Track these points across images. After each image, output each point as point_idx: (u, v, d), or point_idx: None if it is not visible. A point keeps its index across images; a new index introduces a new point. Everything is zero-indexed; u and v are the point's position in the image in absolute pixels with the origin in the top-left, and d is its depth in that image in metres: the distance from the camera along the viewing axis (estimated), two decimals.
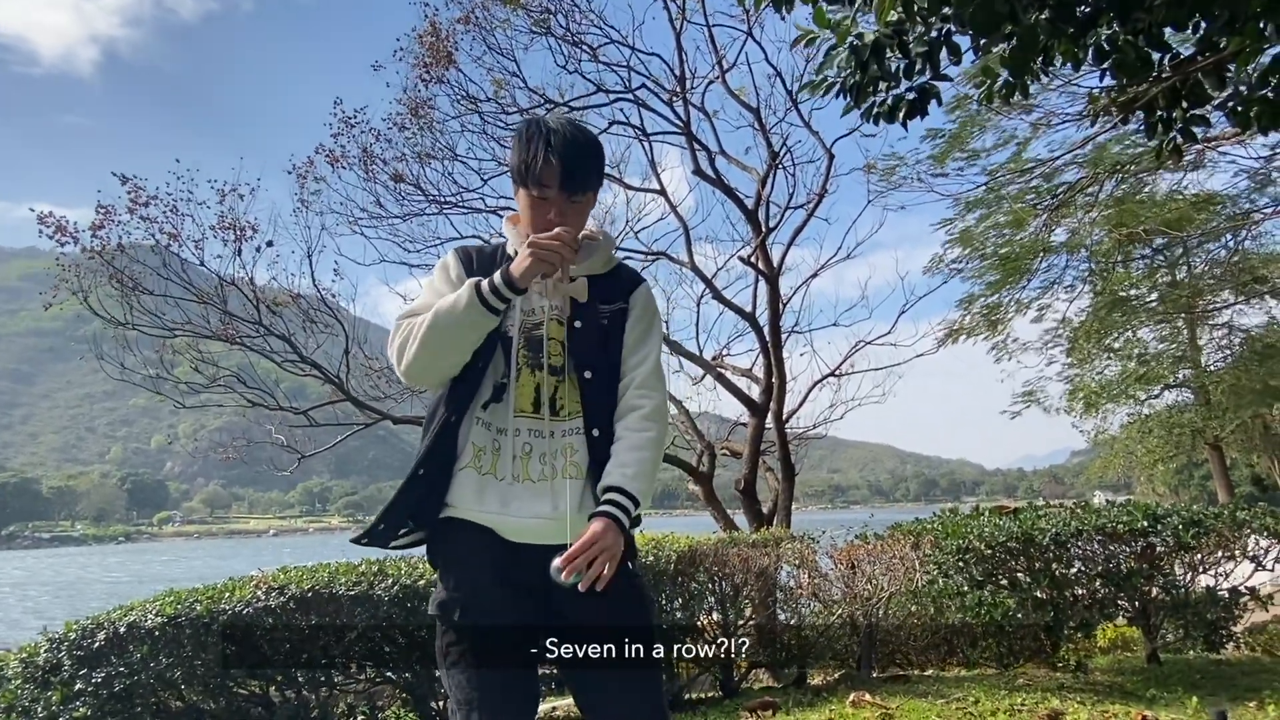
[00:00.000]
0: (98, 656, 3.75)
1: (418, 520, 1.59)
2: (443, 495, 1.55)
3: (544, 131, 1.54)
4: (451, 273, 1.63)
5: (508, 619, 1.52)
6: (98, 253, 6.82)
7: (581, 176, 1.56)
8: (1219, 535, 4.41)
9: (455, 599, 1.54)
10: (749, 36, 7.45)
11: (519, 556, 1.53)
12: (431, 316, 1.49)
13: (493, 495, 1.53)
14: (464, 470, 1.54)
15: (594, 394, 1.57)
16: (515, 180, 1.62)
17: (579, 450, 1.56)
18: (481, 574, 1.53)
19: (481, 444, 1.55)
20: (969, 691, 4.01)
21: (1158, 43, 3.11)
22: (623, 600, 1.54)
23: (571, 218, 1.57)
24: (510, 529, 1.52)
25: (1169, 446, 21.94)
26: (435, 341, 1.49)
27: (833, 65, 3.16)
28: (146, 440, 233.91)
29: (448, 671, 1.53)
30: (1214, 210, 10.75)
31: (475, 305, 1.46)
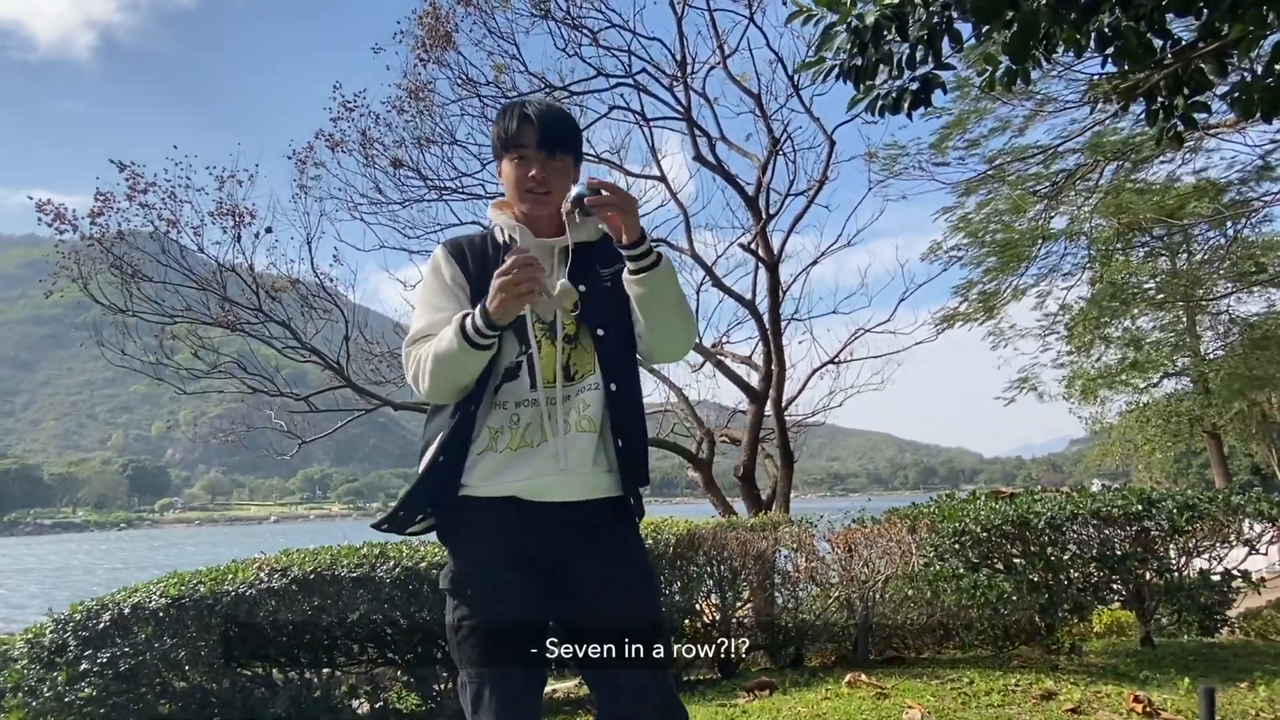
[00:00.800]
0: (103, 637, 3.80)
1: (436, 505, 1.63)
2: (459, 479, 1.59)
3: (518, 103, 1.68)
4: (445, 273, 1.66)
5: (519, 594, 1.56)
6: (97, 240, 6.83)
7: (557, 134, 1.63)
8: (1213, 520, 4.45)
9: (468, 574, 1.58)
10: (750, 21, 7.42)
11: (532, 522, 1.57)
12: (431, 359, 1.54)
13: (511, 466, 1.57)
14: (483, 454, 1.58)
15: (609, 351, 1.62)
16: (497, 155, 1.70)
17: (592, 404, 1.60)
18: (494, 550, 1.57)
19: (498, 425, 1.59)
20: (964, 673, 4.06)
21: (1160, 29, 3.11)
22: (631, 573, 1.60)
23: (553, 176, 1.63)
24: (531, 490, 1.56)
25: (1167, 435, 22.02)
26: (442, 375, 1.55)
27: (831, 46, 3.15)
28: (147, 427, 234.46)
29: (459, 645, 1.56)
30: (1214, 198, 10.74)
31: (465, 346, 1.50)
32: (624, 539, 1.64)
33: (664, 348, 1.67)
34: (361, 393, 7.48)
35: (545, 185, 1.63)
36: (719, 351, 9.02)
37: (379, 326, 8.88)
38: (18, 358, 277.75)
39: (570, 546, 1.59)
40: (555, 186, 1.63)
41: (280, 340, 7.27)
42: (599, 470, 1.60)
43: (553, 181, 1.63)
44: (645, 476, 1.68)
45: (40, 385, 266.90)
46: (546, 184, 1.63)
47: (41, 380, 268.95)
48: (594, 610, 1.57)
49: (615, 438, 1.60)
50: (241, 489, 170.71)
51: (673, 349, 1.69)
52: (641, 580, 1.62)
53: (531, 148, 1.62)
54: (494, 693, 1.50)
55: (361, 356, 7.85)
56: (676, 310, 1.61)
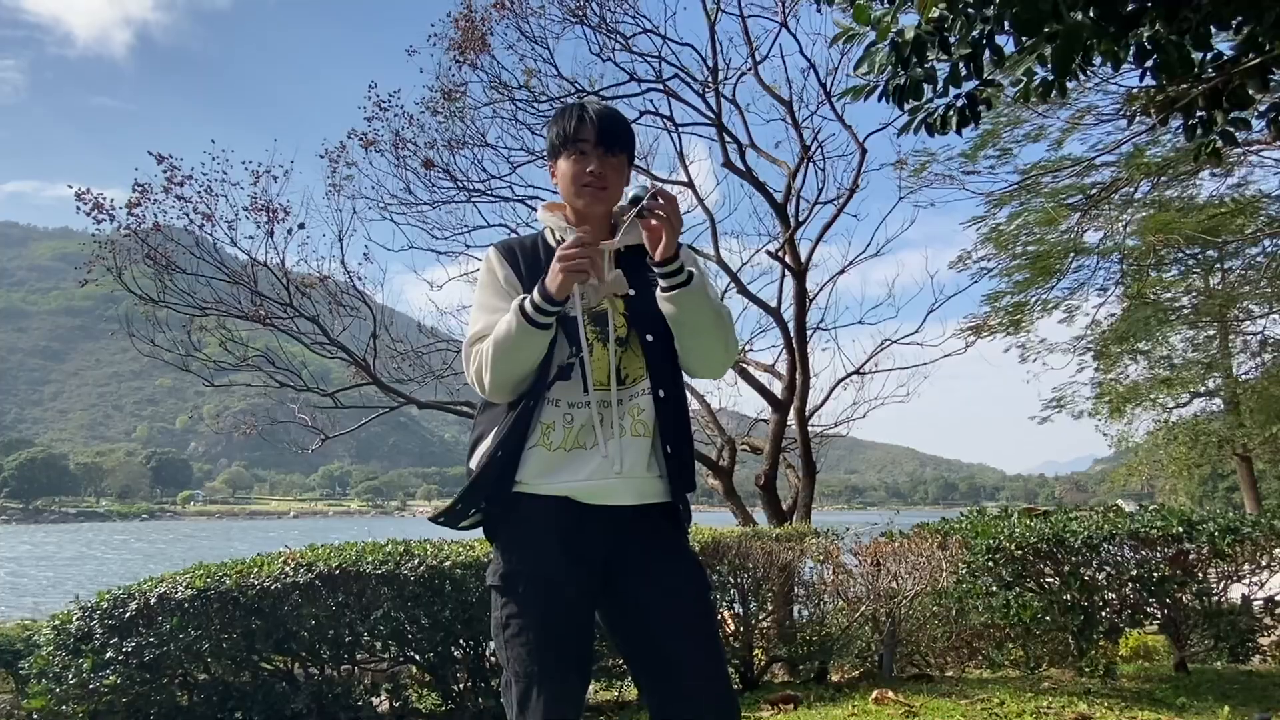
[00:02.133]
0: (128, 626, 3.82)
1: (491, 500, 1.62)
2: (513, 474, 1.58)
3: (577, 105, 1.70)
4: (499, 274, 1.68)
5: (570, 591, 1.54)
6: (133, 230, 6.92)
7: (615, 133, 1.66)
8: (1254, 544, 4.33)
9: (519, 569, 1.56)
10: (783, 27, 7.37)
11: (585, 522, 1.56)
12: (492, 347, 1.55)
13: (566, 466, 1.57)
14: (534, 449, 1.58)
15: (656, 357, 1.62)
16: (553, 153, 1.70)
17: (645, 410, 1.60)
18: (549, 546, 1.55)
19: (550, 420, 1.59)
20: (993, 693, 3.97)
21: (1202, 42, 3.04)
22: (685, 568, 1.60)
23: (610, 173, 1.64)
24: (585, 492, 1.56)
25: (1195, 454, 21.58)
26: (504, 364, 1.55)
27: (872, 63, 3.12)
28: (172, 420, 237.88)
29: (506, 644, 1.54)
30: (1252, 216, 10.52)
31: (525, 327, 1.51)
32: (676, 542, 1.63)
33: (699, 364, 1.67)
34: (387, 390, 7.51)
35: (603, 180, 1.64)
36: (742, 359, 8.96)
37: (403, 326, 8.93)
38: (49, 348, 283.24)
39: (622, 548, 1.57)
40: (611, 183, 1.65)
41: (308, 336, 7.32)
42: (651, 476, 1.60)
43: (610, 177, 1.64)
44: (693, 482, 1.68)
45: (69, 376, 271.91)
46: (604, 179, 1.64)
47: (70, 371, 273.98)
48: (649, 611, 1.55)
49: (664, 444, 1.60)
50: (262, 483, 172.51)
51: (708, 366, 1.68)
52: (696, 581, 1.60)
53: (590, 144, 1.63)
54: (541, 693, 1.48)
55: (387, 354, 7.89)
56: (711, 329, 1.60)
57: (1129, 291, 11.88)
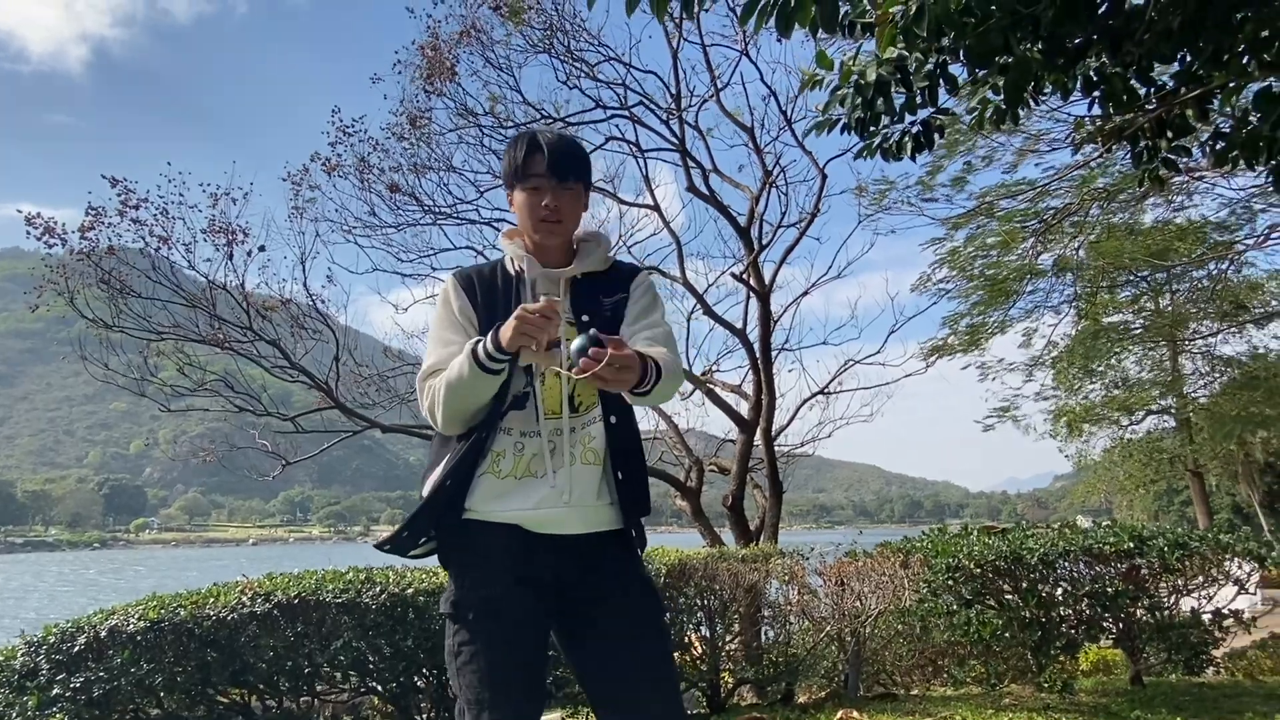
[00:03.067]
0: (76, 661, 3.69)
1: (439, 527, 1.62)
2: (463, 501, 1.59)
3: (529, 133, 1.68)
4: (454, 305, 1.67)
5: (521, 617, 1.54)
6: (86, 254, 6.77)
7: (568, 163, 1.64)
8: (1203, 558, 4.46)
9: (470, 598, 1.56)
10: (744, 55, 7.53)
11: (536, 549, 1.57)
12: (445, 386, 1.55)
13: (515, 494, 1.57)
14: (483, 476, 1.59)
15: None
16: (509, 185, 1.69)
17: (596, 438, 1.62)
18: (498, 573, 1.56)
19: (501, 449, 1.60)
20: (956, 710, 4.01)
21: (1145, 75, 3.19)
22: (637, 593, 1.61)
23: (565, 205, 1.64)
24: (534, 520, 1.56)
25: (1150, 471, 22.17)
26: (456, 404, 1.56)
27: (837, 104, 3.24)
28: (126, 445, 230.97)
29: (458, 671, 1.54)
30: (1198, 239, 10.94)
31: (476, 371, 1.51)
32: (628, 566, 1.64)
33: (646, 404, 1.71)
34: (350, 414, 7.41)
35: (558, 214, 1.64)
36: (709, 380, 9.02)
37: (368, 349, 8.83)
38: None
39: (575, 575, 1.58)
40: (567, 215, 1.65)
41: (269, 360, 7.20)
42: (602, 504, 1.61)
43: (565, 210, 1.65)
44: (646, 507, 1.69)
45: (18, 400, 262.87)
46: (559, 212, 1.64)
47: (19, 395, 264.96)
48: (602, 642, 1.56)
49: (615, 470, 1.61)
50: (220, 510, 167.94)
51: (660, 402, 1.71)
52: (648, 610, 1.62)
53: (543, 176, 1.62)
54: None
55: (350, 378, 7.79)
56: (671, 392, 1.61)
57: (1083, 313, 12.24)
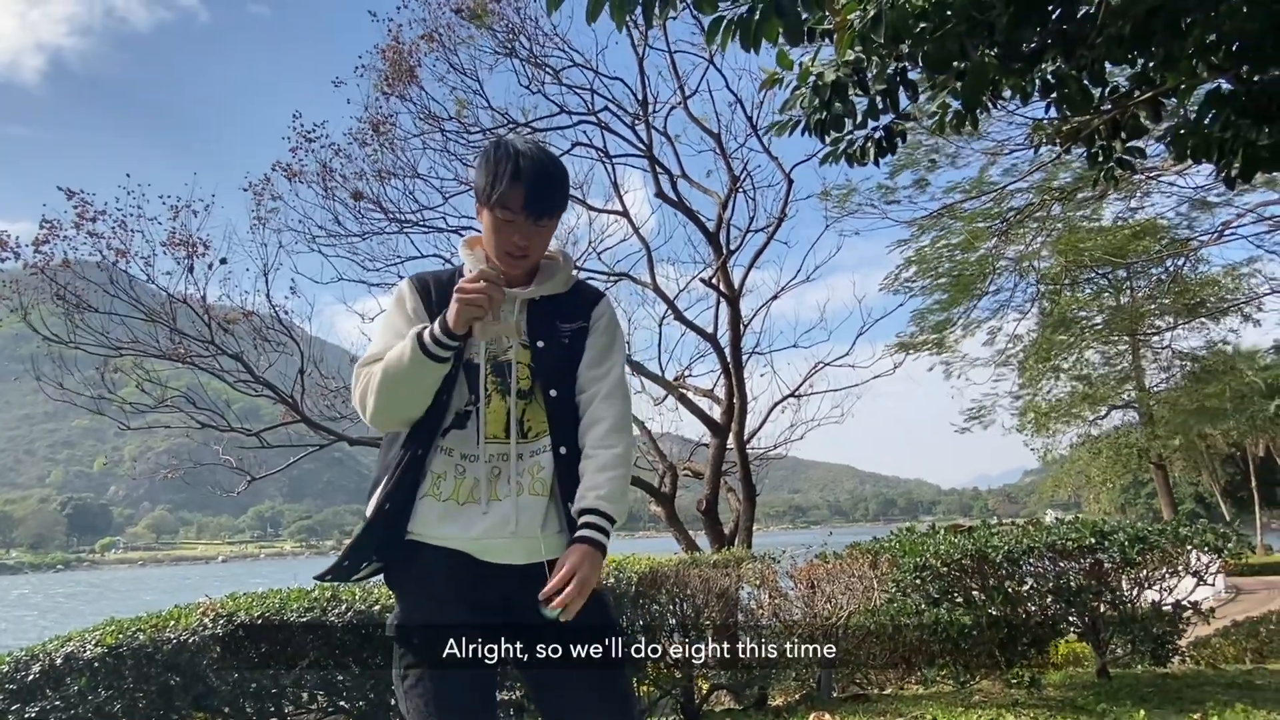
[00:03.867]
0: (32, 690, 3.57)
1: (382, 553, 1.57)
2: (405, 524, 1.53)
3: (512, 154, 1.53)
4: (408, 305, 1.62)
5: (467, 638, 1.50)
6: (40, 269, 6.61)
7: (547, 201, 1.55)
8: (1163, 551, 4.54)
9: (415, 619, 1.54)
10: (710, 64, 7.58)
11: (482, 574, 1.53)
12: (382, 371, 1.49)
13: (457, 519, 1.52)
14: (424, 498, 1.54)
15: (560, 412, 1.58)
16: (480, 201, 1.59)
17: (545, 468, 1.56)
18: (442, 594, 1.53)
19: (441, 470, 1.55)
20: (926, 709, 4.05)
21: (1098, 78, 3.27)
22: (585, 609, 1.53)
23: (535, 240, 1.57)
24: (479, 549, 1.52)
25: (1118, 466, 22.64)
26: (390, 392, 1.49)
27: (796, 105, 3.26)
28: (89, 463, 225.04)
29: (405, 694, 1.51)
30: (1155, 237, 11.21)
31: (420, 357, 1.46)
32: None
33: None
34: (316, 428, 7.30)
35: (525, 251, 1.57)
36: (681, 385, 9.03)
37: (334, 360, 8.71)
38: None
39: (522, 598, 1.50)
40: (535, 250, 1.59)
41: (232, 374, 7.07)
42: (550, 533, 1.54)
43: (534, 247, 1.58)
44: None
45: None
46: (528, 250, 1.57)
47: None
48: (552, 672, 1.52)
49: (565, 500, 1.54)
50: (189, 527, 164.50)
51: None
52: (601, 632, 1.55)
53: (519, 213, 1.53)
54: None
55: (317, 390, 7.68)
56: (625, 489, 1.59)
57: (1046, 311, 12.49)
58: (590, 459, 1.54)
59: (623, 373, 1.67)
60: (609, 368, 1.63)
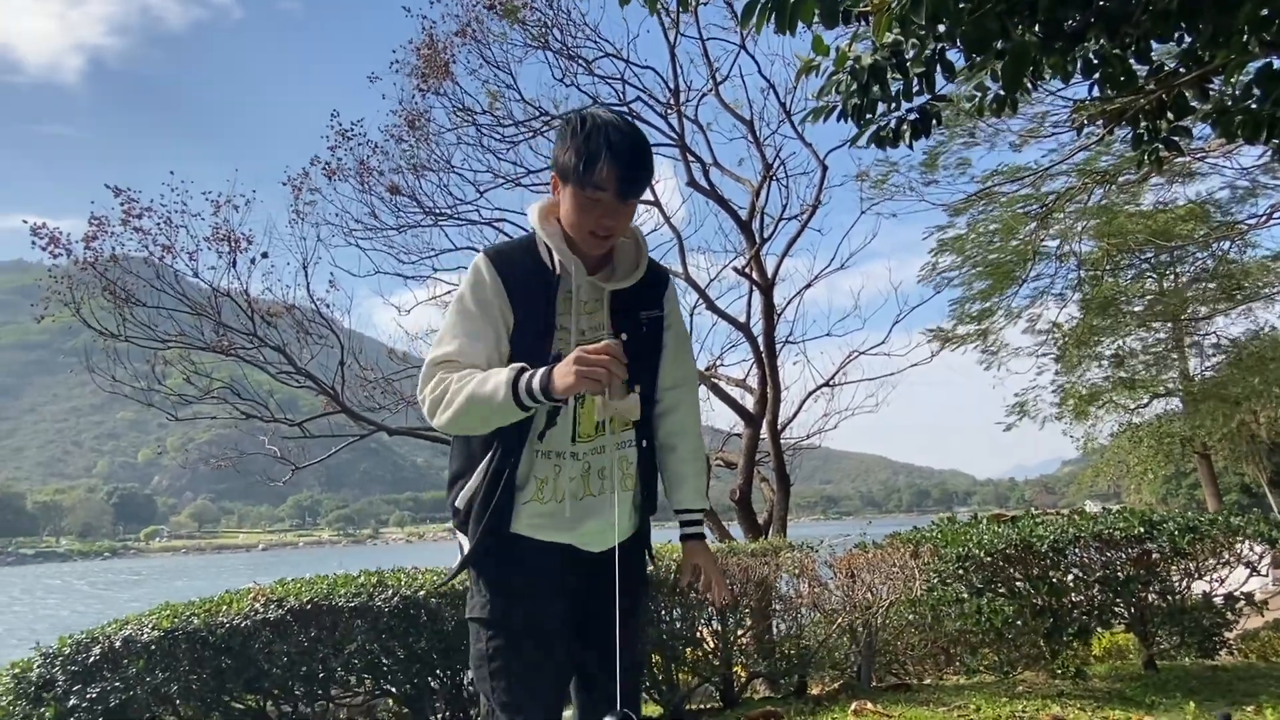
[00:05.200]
0: (92, 671, 3.71)
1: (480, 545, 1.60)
2: (506, 525, 1.56)
3: (604, 130, 1.46)
4: (488, 288, 1.53)
5: (559, 627, 1.56)
6: (90, 264, 6.80)
7: (642, 182, 1.50)
8: (1214, 541, 4.44)
9: (511, 608, 1.55)
10: (742, 49, 7.51)
11: (570, 565, 1.60)
12: (466, 399, 1.43)
13: (560, 519, 1.57)
14: (529, 504, 1.57)
15: (644, 407, 1.59)
16: (562, 176, 1.51)
17: (632, 463, 1.64)
18: (538, 587, 1.57)
19: (544, 475, 1.56)
20: (969, 699, 4.01)
21: (1143, 56, 3.18)
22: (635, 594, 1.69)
23: (621, 220, 1.52)
24: (580, 542, 1.60)
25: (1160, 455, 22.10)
26: (469, 421, 1.47)
27: (832, 90, 3.22)
28: (134, 454, 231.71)
29: (491, 675, 1.53)
30: (1201, 220, 10.89)
31: (511, 406, 1.41)
32: (639, 570, 1.73)
33: None
34: (356, 418, 7.43)
35: (612, 232, 1.52)
36: (713, 375, 9.01)
37: (372, 352, 8.85)
38: (3, 384, 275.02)
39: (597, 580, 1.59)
40: (620, 230, 1.55)
41: (274, 365, 7.22)
42: (635, 519, 1.69)
43: (620, 226, 1.53)
44: (655, 507, 1.76)
45: (25, 412, 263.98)
46: (614, 230, 1.52)
47: (26, 407, 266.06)
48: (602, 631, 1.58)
49: (643, 488, 1.67)
50: (230, 516, 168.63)
51: None
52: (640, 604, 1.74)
53: (610, 193, 1.46)
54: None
55: (356, 382, 7.81)
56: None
57: (1087, 296, 12.21)
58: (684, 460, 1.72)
59: (693, 365, 1.77)
60: (688, 364, 1.72)
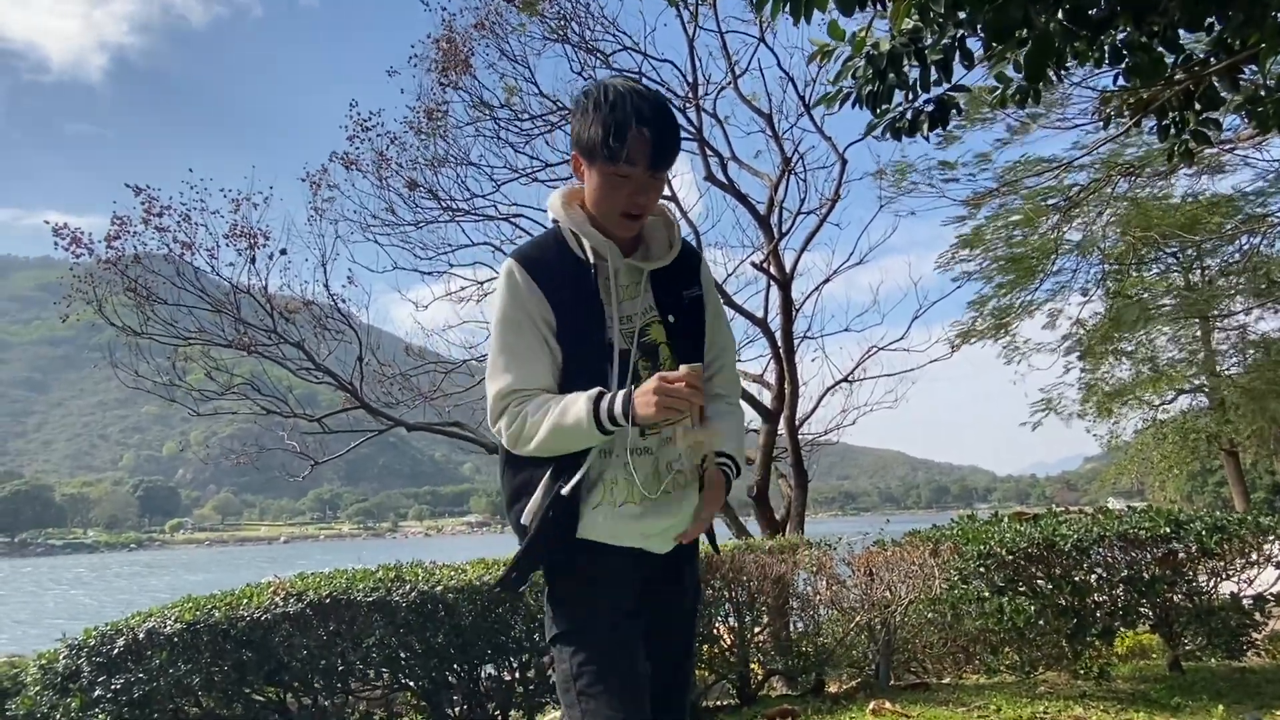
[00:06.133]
0: (116, 663, 3.76)
1: (550, 557, 1.55)
2: (572, 530, 1.50)
3: (628, 98, 1.38)
4: (526, 301, 1.47)
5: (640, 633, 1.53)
6: (112, 263, 6.88)
7: (673, 150, 1.43)
8: (1242, 541, 4.35)
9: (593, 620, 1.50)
10: (761, 42, 7.45)
11: (640, 567, 1.56)
12: (549, 432, 1.41)
13: (634, 520, 1.50)
14: (599, 507, 1.50)
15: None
16: (587, 155, 1.44)
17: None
18: (619, 596, 1.53)
19: (612, 477, 1.50)
20: (990, 699, 3.97)
21: (1171, 45, 3.09)
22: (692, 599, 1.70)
23: (653, 196, 1.46)
24: (654, 544, 1.55)
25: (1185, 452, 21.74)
26: (557, 447, 1.45)
27: (848, 76, 3.16)
28: (159, 448, 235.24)
29: (580, 694, 1.45)
30: (1229, 213, 10.67)
31: (594, 432, 1.40)
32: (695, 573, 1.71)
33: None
34: (375, 413, 7.47)
35: (645, 209, 1.46)
36: None
37: (390, 347, 8.90)
38: (31, 379, 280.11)
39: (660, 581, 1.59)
40: (652, 206, 1.48)
41: (294, 361, 7.28)
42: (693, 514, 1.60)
43: (651, 202, 1.47)
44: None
45: (53, 406, 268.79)
46: (647, 207, 1.46)
47: (54, 401, 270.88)
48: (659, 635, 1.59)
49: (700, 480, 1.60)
50: (252, 509, 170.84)
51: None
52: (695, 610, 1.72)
53: (641, 166, 1.39)
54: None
55: (374, 377, 7.86)
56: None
57: (1111, 291, 12.00)
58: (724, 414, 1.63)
59: (730, 336, 1.74)
60: (725, 332, 1.69)
